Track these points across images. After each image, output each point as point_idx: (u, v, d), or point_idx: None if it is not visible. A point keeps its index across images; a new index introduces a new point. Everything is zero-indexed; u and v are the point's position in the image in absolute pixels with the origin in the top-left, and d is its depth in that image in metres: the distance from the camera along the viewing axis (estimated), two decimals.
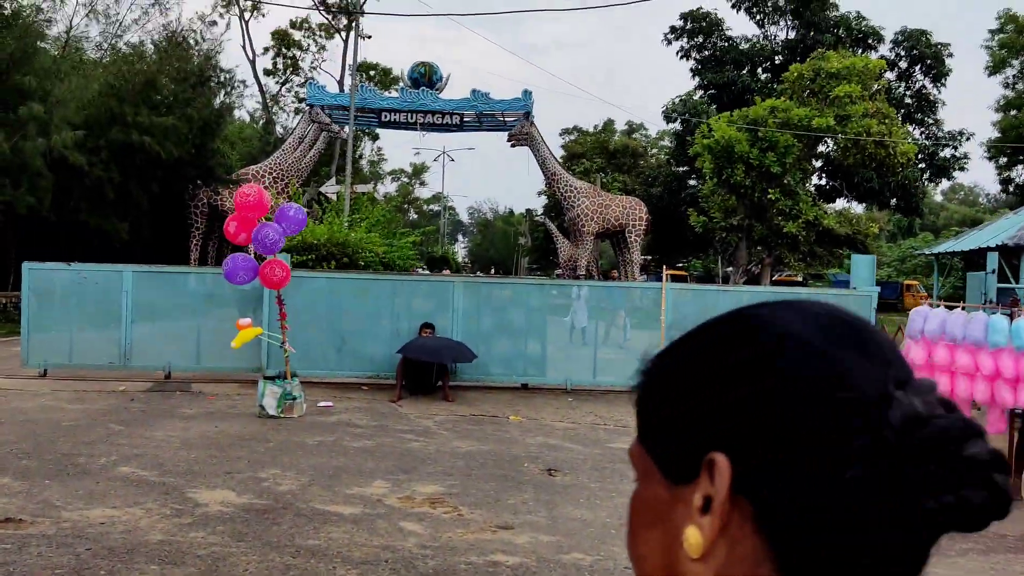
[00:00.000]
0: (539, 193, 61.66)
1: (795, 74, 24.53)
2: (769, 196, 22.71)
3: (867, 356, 0.58)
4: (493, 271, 67.99)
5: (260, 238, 9.27)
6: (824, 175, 30.01)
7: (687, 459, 0.60)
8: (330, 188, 26.72)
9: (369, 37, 31.84)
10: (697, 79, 37.08)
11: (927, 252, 21.50)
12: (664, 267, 12.70)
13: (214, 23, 33.88)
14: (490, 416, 10.24)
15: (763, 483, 0.56)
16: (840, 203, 31.72)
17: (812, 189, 26.81)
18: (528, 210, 76.79)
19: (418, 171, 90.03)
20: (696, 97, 35.89)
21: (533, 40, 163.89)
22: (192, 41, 30.97)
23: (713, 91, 36.21)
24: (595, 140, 60.10)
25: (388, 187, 72.15)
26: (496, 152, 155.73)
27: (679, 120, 35.43)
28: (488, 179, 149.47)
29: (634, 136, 70.57)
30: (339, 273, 13.05)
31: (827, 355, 0.58)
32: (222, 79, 31.70)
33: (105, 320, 11.84)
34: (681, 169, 39.96)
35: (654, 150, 60.67)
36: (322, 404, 10.50)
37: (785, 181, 23.09)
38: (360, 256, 17.24)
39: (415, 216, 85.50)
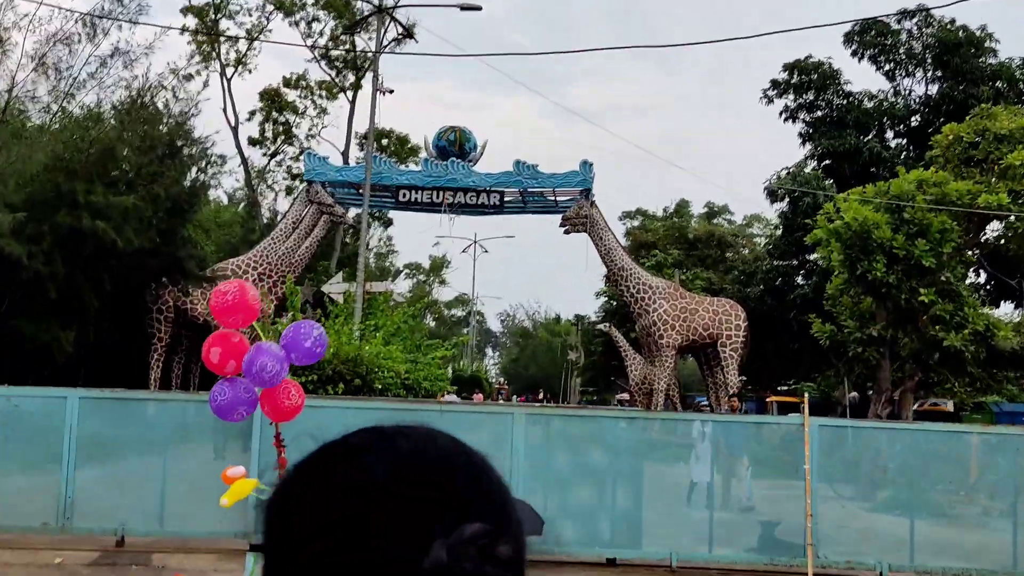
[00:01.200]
0: (597, 294, 61.41)
1: (949, 137, 23.99)
2: (921, 298, 21.85)
3: (423, 504, 0.81)
4: (543, 396, 67.15)
5: (255, 372, 8.64)
6: (982, 270, 29.23)
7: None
8: (336, 287, 26.52)
9: (391, 91, 32.16)
10: (808, 146, 36.90)
11: None
12: (801, 398, 11.92)
13: (189, 77, 34.60)
14: None
15: None
16: (1006, 307, 30.74)
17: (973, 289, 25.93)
18: (578, 316, 76.32)
19: (438, 266, 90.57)
20: (808, 169, 35.53)
21: (583, 104, 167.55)
22: (161, 103, 31.54)
23: (830, 161, 35.93)
24: (668, 226, 60.29)
25: (400, 286, 72.58)
26: (538, 242, 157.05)
27: (786, 199, 35.05)
28: (525, 277, 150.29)
29: (716, 221, 70.79)
30: (355, 401, 12.47)
31: (382, 508, 0.81)
32: (197, 150, 32.17)
33: (40, 464, 11.27)
34: (787, 263, 39.38)
35: (741, 238, 60.56)
36: None
37: (942, 278, 22.23)
38: (376, 376, 16.74)
39: (432, 323, 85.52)
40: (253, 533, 11.01)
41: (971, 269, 27.24)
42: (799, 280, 39.16)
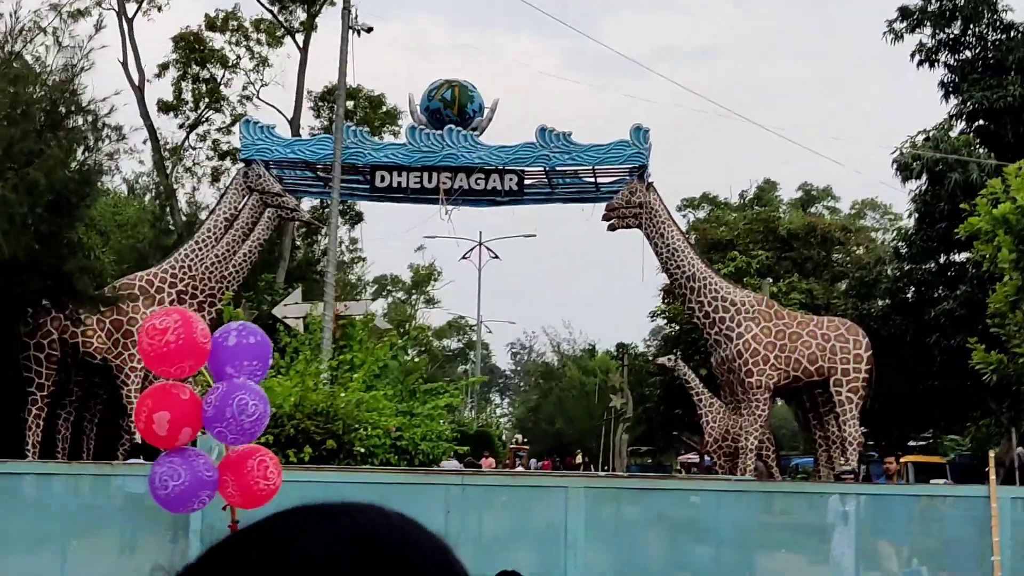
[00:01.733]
0: (652, 315, 60.98)
1: None
2: None
3: None
4: (582, 460, 66.75)
5: (230, 416, 8.23)
6: None
7: None
8: (292, 309, 26.15)
9: (369, 29, 31.74)
10: (954, 101, 36.45)
11: None
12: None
13: (76, 16, 34.35)
14: None
15: None
16: None
17: None
18: (621, 346, 75.02)
19: (422, 279, 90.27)
20: (956, 133, 35.05)
21: (623, 48, 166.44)
22: (36, 53, 31.25)
23: (985, 121, 35.47)
24: (750, 218, 59.93)
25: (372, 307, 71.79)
26: (566, 244, 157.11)
27: (925, 175, 34.55)
28: (548, 294, 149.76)
29: (814, 210, 70.47)
30: (341, 472, 12.14)
31: None
32: (88, 120, 31.92)
33: None
34: (925, 266, 38.98)
35: (853, 234, 60.01)
36: None
37: None
38: (356, 436, 16.46)
39: (413, 358, 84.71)
40: None
41: None
42: (941, 290, 38.66)
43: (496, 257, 69.95)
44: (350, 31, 27.08)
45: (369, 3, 74.69)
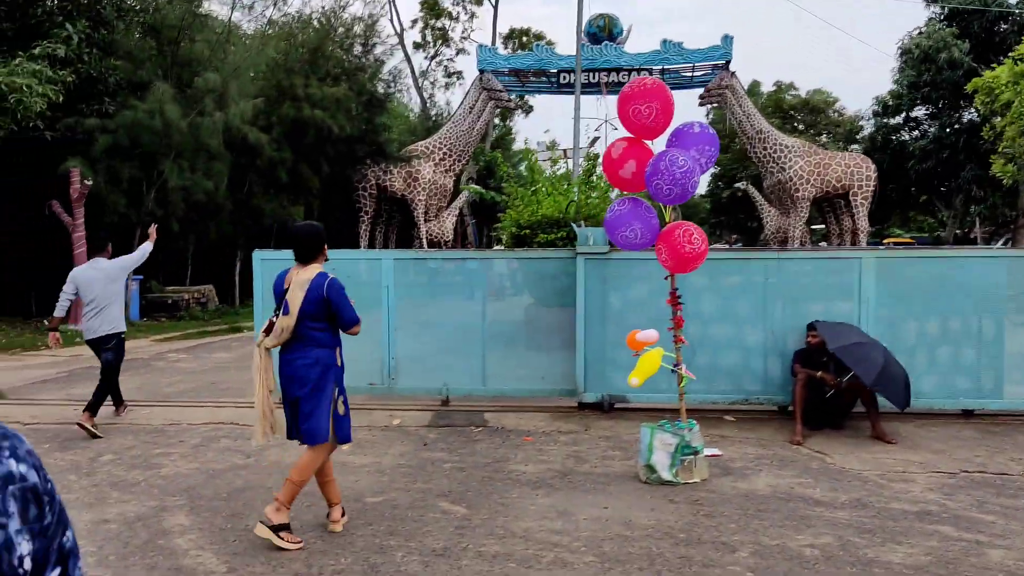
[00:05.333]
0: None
1: None
2: None
3: None
4: None
5: (663, 169, 5.60)
6: None
7: None
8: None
9: None
10: (934, 7, 31.36)
11: None
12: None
13: None
14: (999, 474, 6.36)
15: None
16: None
17: None
18: None
19: (550, 147, 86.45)
20: (939, 28, 30.20)
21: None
22: (348, 13, 28.14)
23: (956, 20, 30.58)
24: (771, 99, 55.16)
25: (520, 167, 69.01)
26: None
27: (921, 57, 29.68)
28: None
29: (785, 97, 64.74)
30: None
31: None
32: (387, 48, 28.96)
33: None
34: (896, 121, 34.43)
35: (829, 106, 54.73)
36: (707, 453, 6.92)
37: None
38: None
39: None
40: (581, 389, 8.32)
41: None
42: (907, 133, 34.22)
43: (616, 128, 67.95)
44: None
45: None
